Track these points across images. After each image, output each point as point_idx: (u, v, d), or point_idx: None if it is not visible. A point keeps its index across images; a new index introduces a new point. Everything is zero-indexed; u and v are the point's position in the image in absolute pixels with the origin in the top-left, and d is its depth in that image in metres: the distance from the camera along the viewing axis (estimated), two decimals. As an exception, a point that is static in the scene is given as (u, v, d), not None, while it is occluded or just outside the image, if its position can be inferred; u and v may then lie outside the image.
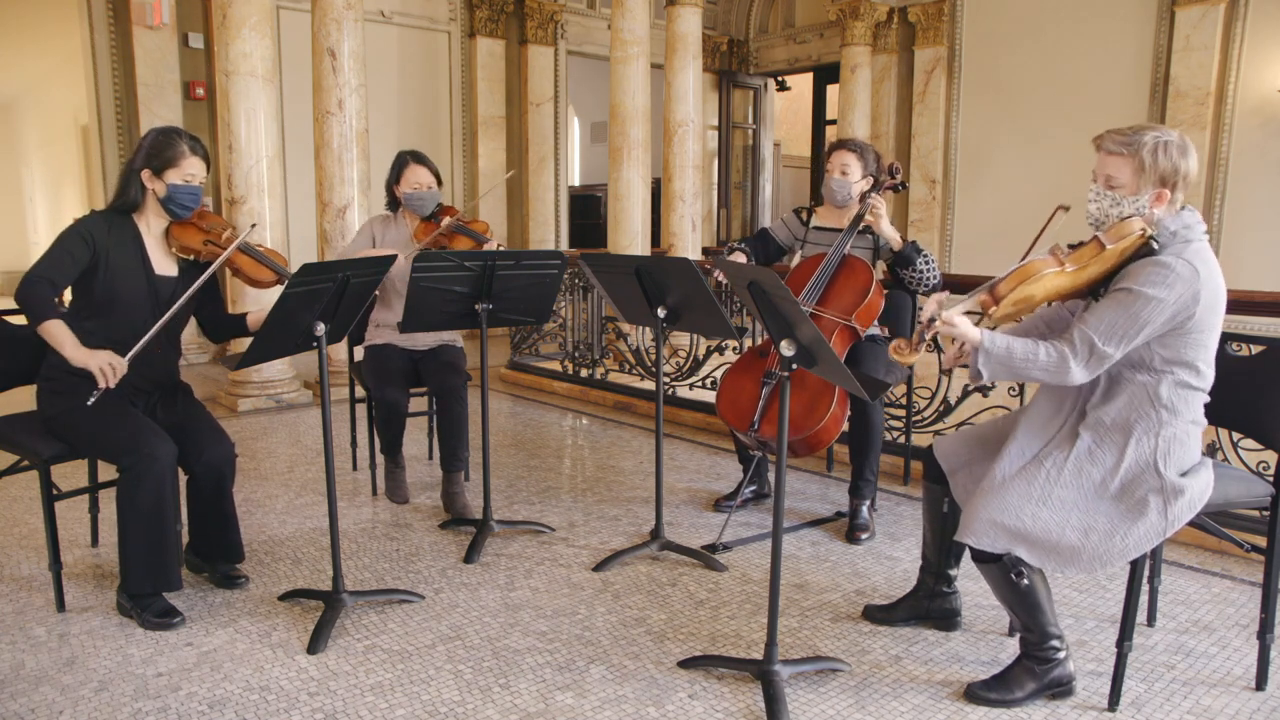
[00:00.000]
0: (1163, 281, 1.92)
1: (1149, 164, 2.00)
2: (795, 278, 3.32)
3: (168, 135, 2.64)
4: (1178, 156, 2.00)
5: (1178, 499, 2.01)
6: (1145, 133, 2.02)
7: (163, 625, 2.55)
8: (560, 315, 6.17)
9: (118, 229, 2.63)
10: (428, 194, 3.64)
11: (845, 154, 3.40)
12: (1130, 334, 1.94)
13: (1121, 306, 1.94)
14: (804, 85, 12.26)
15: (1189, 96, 7.49)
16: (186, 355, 7.18)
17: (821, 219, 3.54)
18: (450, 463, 3.57)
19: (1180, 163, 2.01)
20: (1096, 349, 1.95)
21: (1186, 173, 2.02)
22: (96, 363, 2.48)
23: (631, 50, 7.36)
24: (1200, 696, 2.25)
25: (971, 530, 2.10)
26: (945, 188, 9.34)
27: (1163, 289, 1.92)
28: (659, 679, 2.32)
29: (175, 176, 2.62)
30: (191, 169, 2.64)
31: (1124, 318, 1.93)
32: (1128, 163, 2.02)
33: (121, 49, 6.93)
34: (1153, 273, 1.93)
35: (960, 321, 2.00)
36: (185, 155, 2.62)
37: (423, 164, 3.66)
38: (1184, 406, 2.05)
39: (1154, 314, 1.92)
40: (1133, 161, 2.01)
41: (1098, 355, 1.96)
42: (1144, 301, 1.92)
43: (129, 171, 2.65)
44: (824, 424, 3.06)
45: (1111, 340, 1.94)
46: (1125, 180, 2.03)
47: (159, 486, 2.49)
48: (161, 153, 2.61)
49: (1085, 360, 1.96)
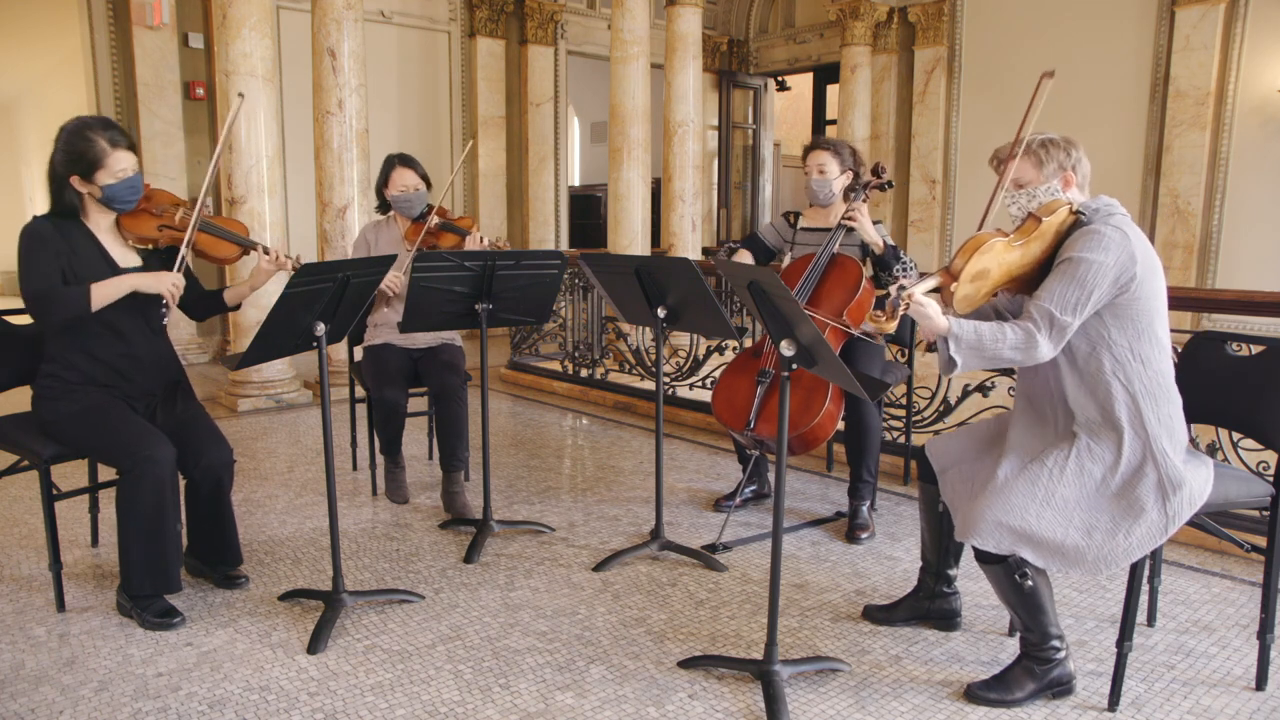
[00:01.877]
0: (1099, 245, 2.01)
1: (1043, 156, 2.16)
2: (785, 278, 3.32)
3: (81, 135, 2.45)
4: (1065, 144, 2.17)
5: (1176, 493, 2.02)
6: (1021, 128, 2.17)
7: (162, 625, 2.55)
8: (560, 315, 6.17)
9: (67, 233, 2.52)
10: (415, 195, 3.66)
11: (819, 153, 3.41)
12: (1083, 300, 2.00)
13: (1068, 276, 2.02)
14: (804, 85, 12.26)
15: (1189, 96, 7.49)
16: (186, 355, 7.18)
17: (809, 220, 3.55)
18: (450, 463, 3.57)
19: (1070, 150, 2.17)
20: (1056, 319, 2.01)
21: (1079, 160, 2.18)
22: (166, 285, 2.52)
23: (631, 50, 7.36)
24: (1200, 696, 2.25)
25: (976, 531, 2.10)
26: (945, 187, 9.34)
27: (1100, 252, 2.00)
28: (659, 679, 2.32)
29: (106, 177, 2.47)
30: (121, 164, 2.48)
31: (1073, 285, 2.01)
32: (1024, 161, 2.17)
33: (121, 49, 6.93)
34: (1088, 240, 2.03)
35: (929, 304, 2.02)
36: (108, 153, 2.45)
37: (409, 167, 3.67)
38: (1159, 390, 2.08)
39: (1099, 277, 2.00)
40: (1029, 159, 2.17)
41: (1059, 326, 2.01)
42: (1087, 265, 2.00)
43: (56, 177, 2.49)
44: (819, 421, 3.07)
45: (1067, 309, 2.01)
46: (1029, 175, 2.18)
47: (158, 489, 2.49)
48: (83, 156, 2.45)
49: (1049, 332, 2.02)
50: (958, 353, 2.02)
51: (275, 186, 5.45)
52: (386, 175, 3.69)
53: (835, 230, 3.30)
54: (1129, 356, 2.07)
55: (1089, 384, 2.11)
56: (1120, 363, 2.08)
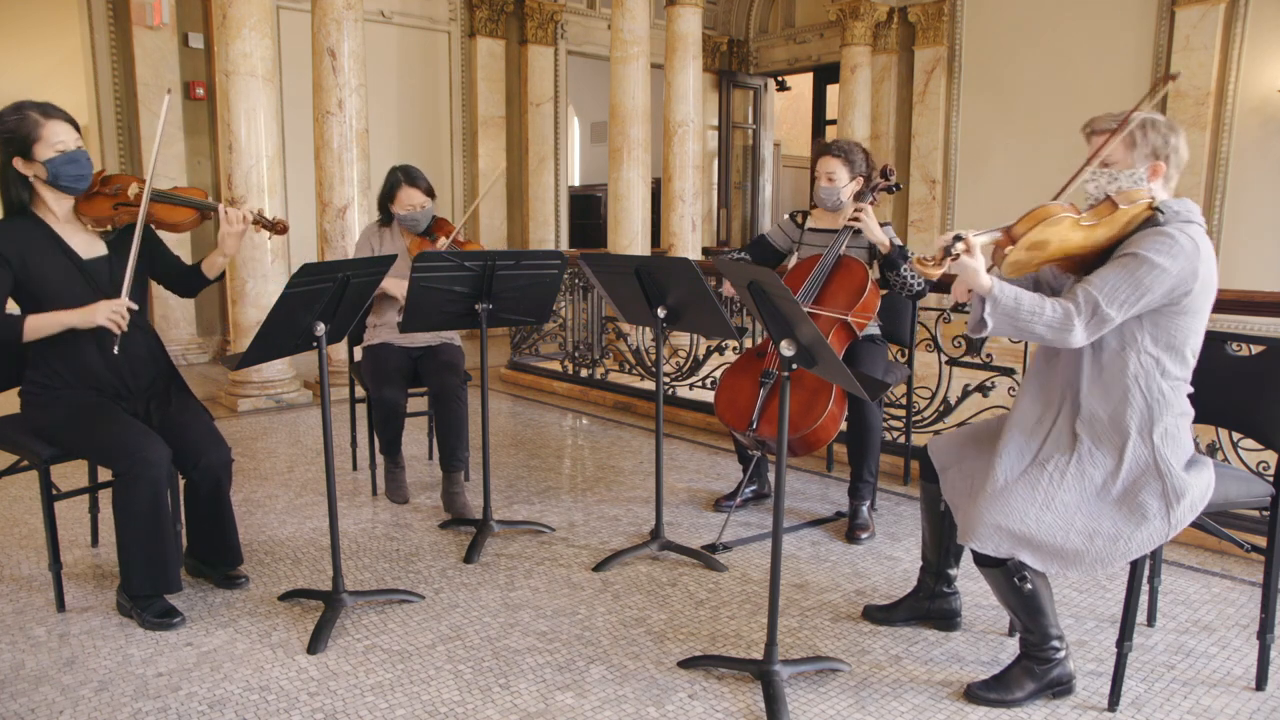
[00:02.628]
0: (1167, 250, 1.93)
1: (1139, 138, 2.05)
2: (792, 278, 3.32)
3: (16, 111, 2.39)
4: (1165, 131, 2.06)
5: (1180, 502, 2.01)
6: (1130, 114, 2.07)
7: (162, 625, 2.55)
8: (560, 315, 6.17)
9: (21, 232, 2.46)
10: (421, 214, 3.66)
11: (830, 160, 3.37)
12: (1132, 299, 1.94)
13: (1126, 270, 1.95)
14: (804, 85, 12.26)
15: (1189, 96, 7.49)
16: (186, 355, 7.18)
17: (816, 221, 3.55)
18: (450, 463, 3.57)
19: (1169, 137, 2.06)
20: (1100, 309, 1.94)
21: (1177, 148, 2.06)
22: (102, 315, 2.40)
23: (631, 50, 7.36)
24: (1200, 696, 2.25)
25: (975, 535, 2.09)
26: (945, 187, 9.34)
27: (1166, 258, 1.93)
28: (659, 679, 2.32)
29: (45, 151, 2.39)
30: (57, 135, 2.40)
31: (1128, 281, 1.94)
32: (1119, 139, 2.05)
33: (121, 49, 6.93)
34: (1158, 241, 1.95)
35: (978, 258, 1.95)
36: (41, 124, 2.38)
37: (415, 185, 3.63)
38: (1173, 398, 2.06)
39: (1156, 281, 1.93)
40: (1124, 138, 2.05)
41: (1100, 316, 1.95)
42: (1148, 267, 1.93)
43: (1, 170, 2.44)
44: (821, 423, 3.06)
45: (1114, 303, 1.94)
46: (1119, 156, 2.07)
47: (154, 490, 2.48)
48: (16, 132, 2.37)
49: (1088, 320, 1.95)
50: (991, 315, 1.96)
51: (275, 186, 5.45)
52: (392, 193, 3.66)
53: (842, 232, 3.30)
54: (1154, 365, 2.03)
55: (1106, 381, 2.07)
56: (1144, 370, 2.03)
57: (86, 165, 2.49)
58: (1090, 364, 2.09)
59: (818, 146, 3.50)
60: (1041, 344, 2.06)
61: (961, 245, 1.90)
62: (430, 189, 3.70)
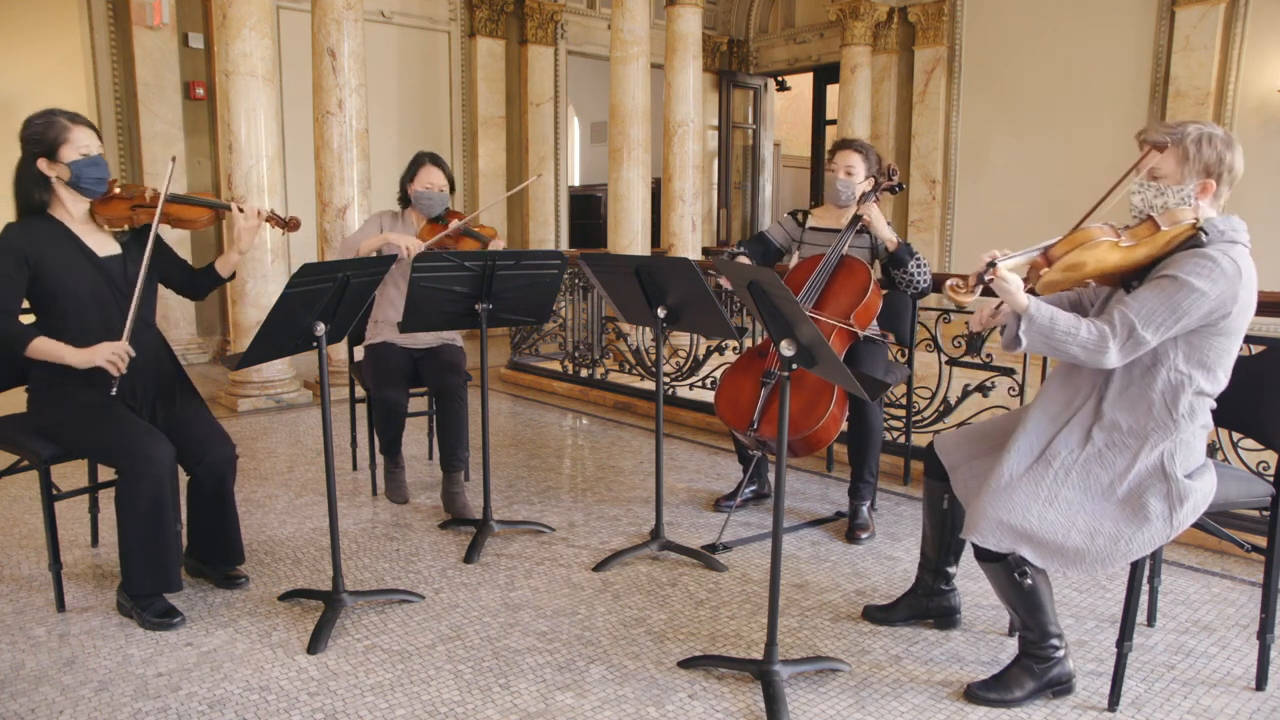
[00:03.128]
0: (1207, 274, 1.90)
1: (1193, 154, 1.99)
2: (793, 278, 3.32)
3: (43, 117, 2.52)
4: (1222, 148, 1.99)
5: (1183, 505, 2.00)
6: (1189, 125, 2.02)
7: (163, 625, 2.55)
8: (560, 315, 6.17)
9: (40, 231, 2.53)
10: (437, 195, 3.67)
11: (851, 154, 3.38)
12: (1169, 323, 1.92)
13: (1164, 294, 1.92)
14: (804, 85, 12.25)
15: (1189, 96, 7.49)
16: (186, 355, 7.18)
17: (818, 220, 3.54)
18: (450, 463, 3.57)
19: (1225, 154, 1.99)
20: (1136, 333, 1.92)
21: (1232, 165, 2.01)
22: (101, 357, 2.45)
23: (631, 50, 7.36)
24: (1200, 696, 2.25)
25: (978, 529, 2.09)
26: (945, 187, 9.33)
27: (1206, 281, 1.90)
28: (659, 679, 2.32)
29: (70, 153, 2.50)
30: (82, 140, 2.52)
31: (1166, 305, 1.91)
32: (1170, 152, 2.00)
33: (121, 49, 6.93)
34: (1199, 264, 1.91)
35: (1013, 280, 1.94)
36: (69, 129, 2.51)
37: (438, 166, 3.71)
38: (1197, 412, 2.04)
39: (1194, 306, 1.91)
40: (1175, 151, 2.00)
41: (1135, 339, 1.93)
42: (1187, 291, 1.90)
43: (23, 172, 2.53)
44: (823, 424, 3.06)
45: (1150, 326, 1.92)
46: (1169, 170, 2.02)
47: (157, 488, 2.49)
48: (45, 135, 2.49)
49: (1123, 343, 1.94)
50: (1027, 334, 1.95)
51: (275, 186, 5.45)
52: (414, 171, 3.71)
53: (845, 231, 3.30)
54: (1185, 382, 2.01)
55: (1134, 394, 2.05)
56: (1173, 385, 2.01)
57: (105, 170, 2.60)
58: (1120, 375, 2.06)
59: (836, 142, 3.51)
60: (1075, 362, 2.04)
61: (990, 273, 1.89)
62: (451, 179, 3.74)
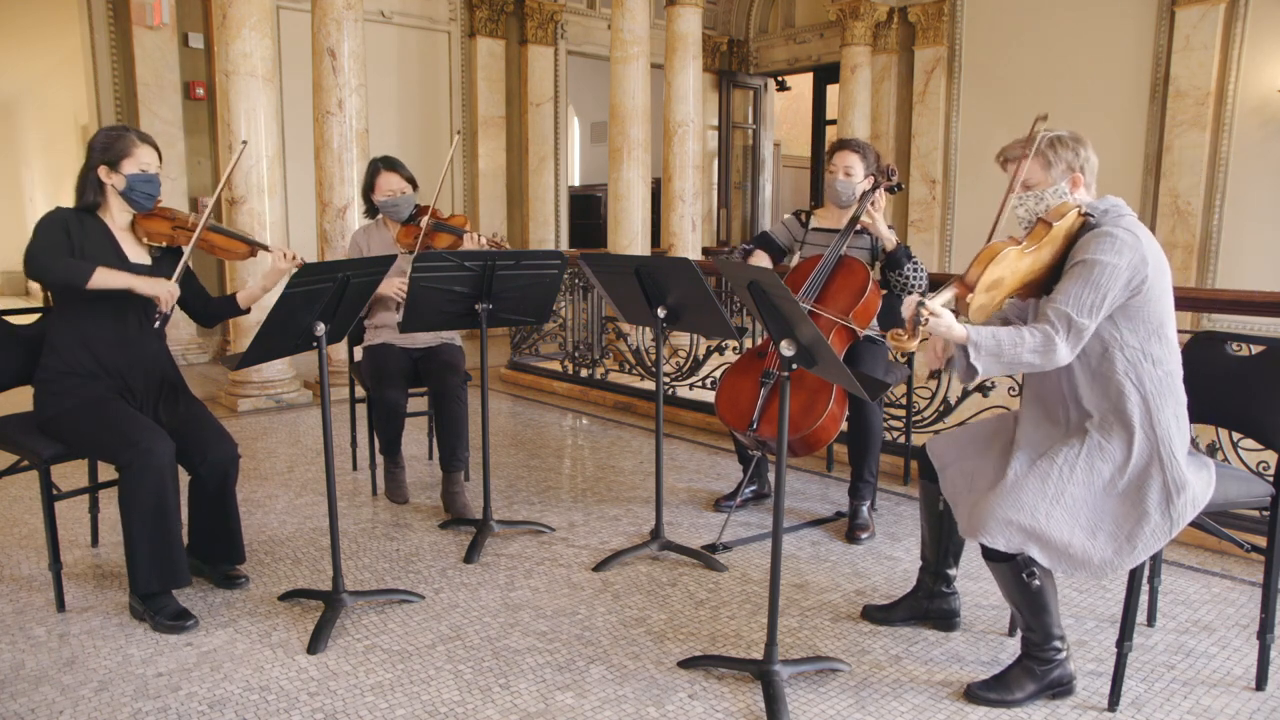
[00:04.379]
0: (1112, 248, 2.01)
1: (1051, 157, 2.15)
2: (793, 278, 3.32)
3: (116, 130, 2.70)
4: (1074, 144, 2.15)
5: (1180, 495, 2.02)
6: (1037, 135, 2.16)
7: (176, 628, 2.54)
8: (560, 315, 6.17)
9: (86, 224, 2.67)
10: (401, 199, 3.67)
11: (849, 154, 3.39)
12: (1098, 302, 2.00)
13: (1083, 278, 2.02)
14: (804, 85, 12.25)
15: (1189, 96, 7.49)
16: (186, 356, 7.18)
17: (820, 220, 3.55)
18: (450, 463, 3.57)
19: (1079, 149, 2.15)
20: (1074, 321, 2.00)
21: (1088, 157, 2.16)
22: (163, 289, 2.62)
23: (631, 50, 7.36)
24: (1200, 696, 2.25)
25: (986, 529, 2.09)
26: (945, 187, 9.34)
27: (1114, 254, 2.00)
28: (659, 679, 2.32)
29: (131, 166, 2.66)
30: (145, 158, 2.68)
31: (1088, 287, 2.01)
32: (1033, 162, 2.16)
33: (121, 49, 6.93)
34: (1100, 242, 2.03)
35: (945, 314, 2.00)
36: (136, 145, 2.67)
37: (394, 170, 3.69)
38: (1167, 385, 2.09)
39: (1112, 279, 2.00)
40: (1037, 160, 2.16)
41: (1076, 328, 2.01)
42: (1101, 268, 2.00)
43: (85, 173, 2.69)
44: (821, 423, 3.06)
45: (1084, 311, 2.00)
46: (1037, 178, 2.17)
47: (159, 483, 2.50)
48: (112, 146, 2.65)
49: (1066, 335, 2.01)
50: (978, 360, 2.01)
51: (275, 186, 5.45)
52: (371, 180, 3.71)
53: (844, 232, 3.30)
54: (1140, 357, 2.08)
55: (1101, 384, 2.11)
56: (1132, 363, 2.08)
57: (157, 189, 2.74)
58: (1081, 371, 2.13)
59: (834, 143, 3.51)
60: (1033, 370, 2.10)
61: (925, 311, 1.95)
62: (411, 178, 3.73)
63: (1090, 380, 2.12)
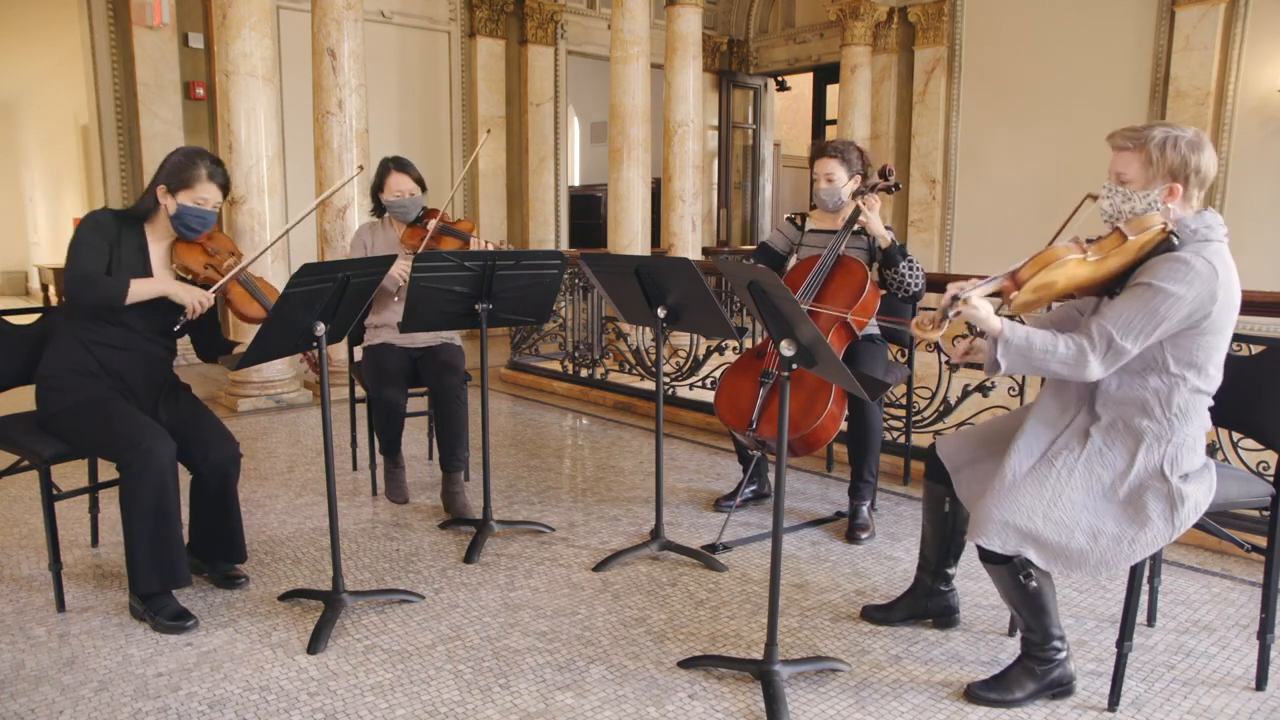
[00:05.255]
0: (1182, 278, 1.89)
1: (1156, 158, 1.98)
2: (791, 279, 3.32)
3: (191, 157, 2.69)
4: (1188, 151, 1.97)
5: (1183, 504, 2.00)
6: (1155, 128, 2.01)
7: (176, 629, 2.54)
8: (560, 315, 6.17)
9: (127, 231, 2.69)
10: (409, 200, 3.66)
11: (827, 161, 3.40)
12: (1148, 330, 1.92)
13: (1140, 301, 1.92)
14: (804, 85, 12.26)
15: (1189, 96, 7.49)
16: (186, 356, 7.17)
17: (816, 222, 3.56)
18: (450, 462, 3.57)
19: (1191, 157, 1.97)
20: (1115, 343, 1.93)
21: (1199, 167, 1.98)
22: (192, 297, 2.65)
23: (631, 50, 7.36)
24: (1200, 696, 2.25)
25: (984, 531, 2.09)
26: (945, 187, 9.34)
27: (1181, 285, 1.89)
28: (659, 679, 2.32)
29: (188, 198, 2.66)
30: (205, 192, 2.68)
31: (1142, 313, 1.91)
32: (1135, 157, 2.01)
33: (121, 49, 6.93)
34: (1172, 268, 1.91)
35: (982, 306, 1.95)
36: (202, 179, 2.67)
37: (405, 171, 3.69)
38: (1194, 413, 2.04)
39: (1171, 310, 1.90)
40: (1140, 155, 2.00)
41: (1115, 350, 1.93)
42: (1163, 297, 1.90)
43: (151, 185, 2.71)
44: (821, 422, 3.06)
45: (1129, 335, 1.92)
46: (1134, 175, 2.02)
47: (160, 482, 2.50)
48: (180, 173, 2.66)
49: (1103, 355, 1.94)
50: (1004, 356, 1.97)
51: (275, 186, 5.45)
52: (382, 179, 3.71)
53: (842, 231, 3.31)
54: (1179, 383, 2.01)
55: (1125, 394, 2.05)
56: (1165, 386, 2.02)
57: (208, 226, 2.74)
58: (1111, 378, 2.06)
59: (814, 149, 3.52)
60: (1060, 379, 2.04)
61: (957, 307, 1.89)
62: (420, 180, 3.73)
63: (1116, 388, 2.06)
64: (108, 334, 2.65)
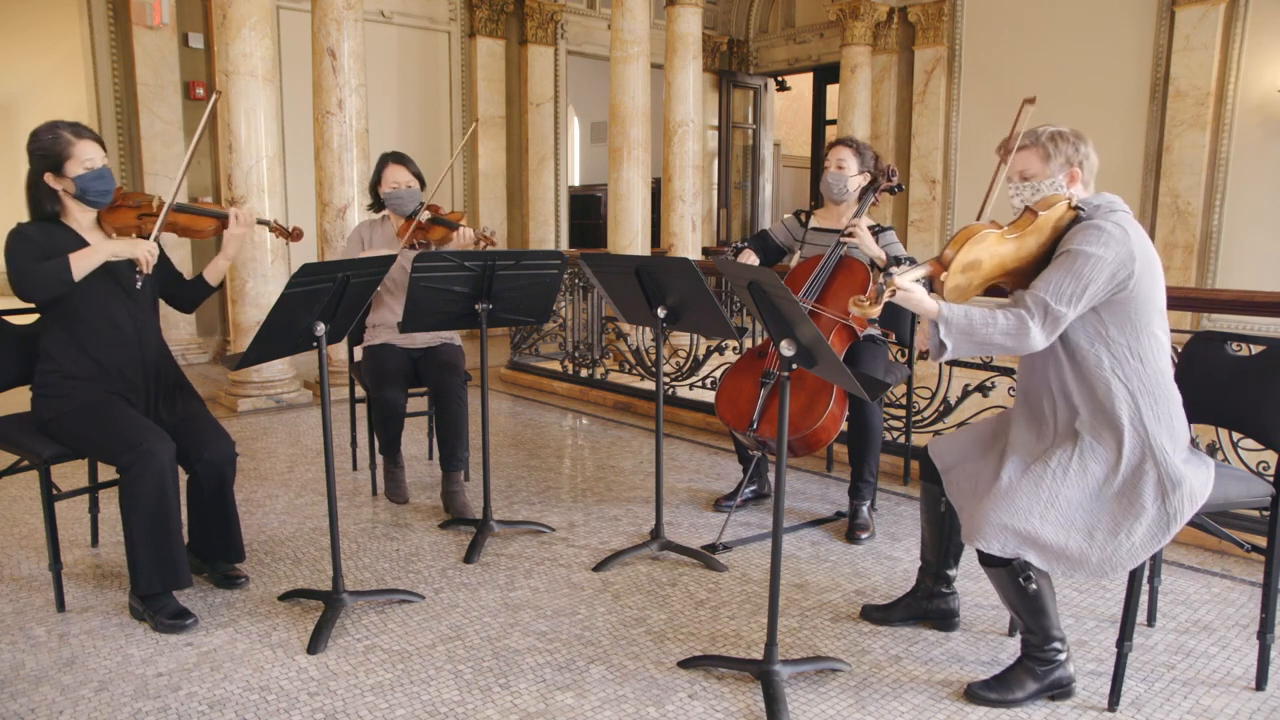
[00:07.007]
0: (1098, 240, 2.01)
1: (1051, 150, 2.17)
2: (793, 278, 3.32)
3: (49, 131, 2.55)
4: (1075, 140, 2.18)
5: (1176, 490, 2.02)
6: (1040, 127, 2.20)
7: (176, 628, 2.54)
8: (560, 315, 6.17)
9: (50, 234, 2.59)
10: (406, 193, 3.67)
11: (842, 149, 3.44)
12: (1078, 292, 2.00)
13: (1065, 267, 2.02)
14: (804, 85, 12.25)
15: (1189, 96, 7.49)
16: (186, 355, 7.18)
17: (820, 220, 3.56)
18: (450, 462, 3.57)
19: (1079, 145, 2.17)
20: (1051, 308, 2.00)
21: (1087, 155, 2.18)
22: (142, 250, 2.58)
23: (631, 50, 7.36)
24: (1200, 696, 2.25)
25: (982, 534, 2.09)
26: (945, 187, 9.33)
27: (1100, 247, 2.00)
28: (659, 679, 2.32)
29: (75, 167, 2.54)
30: (86, 153, 2.55)
31: (1070, 276, 2.01)
32: (1032, 153, 2.18)
33: (121, 49, 6.93)
34: (1088, 234, 2.03)
35: (915, 289, 2.00)
36: (73, 143, 2.53)
37: (402, 164, 3.70)
38: (1154, 382, 2.08)
39: (1096, 271, 2.00)
40: (1037, 151, 2.18)
41: (1053, 315, 2.01)
42: (1084, 259, 2.00)
43: (33, 184, 2.58)
44: (822, 423, 3.07)
45: (1062, 299, 2.00)
46: (1036, 169, 2.18)
47: (160, 483, 2.50)
48: (50, 151, 2.53)
49: (1041, 320, 2.01)
50: (948, 336, 2.01)
51: (275, 186, 5.45)
52: (379, 173, 3.72)
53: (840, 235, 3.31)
54: (1127, 355, 2.08)
55: (1088, 381, 2.11)
56: (1119, 360, 2.08)
57: (111, 181, 2.64)
58: (1069, 368, 2.13)
59: (832, 141, 3.55)
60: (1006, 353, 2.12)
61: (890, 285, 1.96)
62: (419, 174, 3.74)
63: (1077, 377, 2.12)
64: (99, 334, 2.61)
